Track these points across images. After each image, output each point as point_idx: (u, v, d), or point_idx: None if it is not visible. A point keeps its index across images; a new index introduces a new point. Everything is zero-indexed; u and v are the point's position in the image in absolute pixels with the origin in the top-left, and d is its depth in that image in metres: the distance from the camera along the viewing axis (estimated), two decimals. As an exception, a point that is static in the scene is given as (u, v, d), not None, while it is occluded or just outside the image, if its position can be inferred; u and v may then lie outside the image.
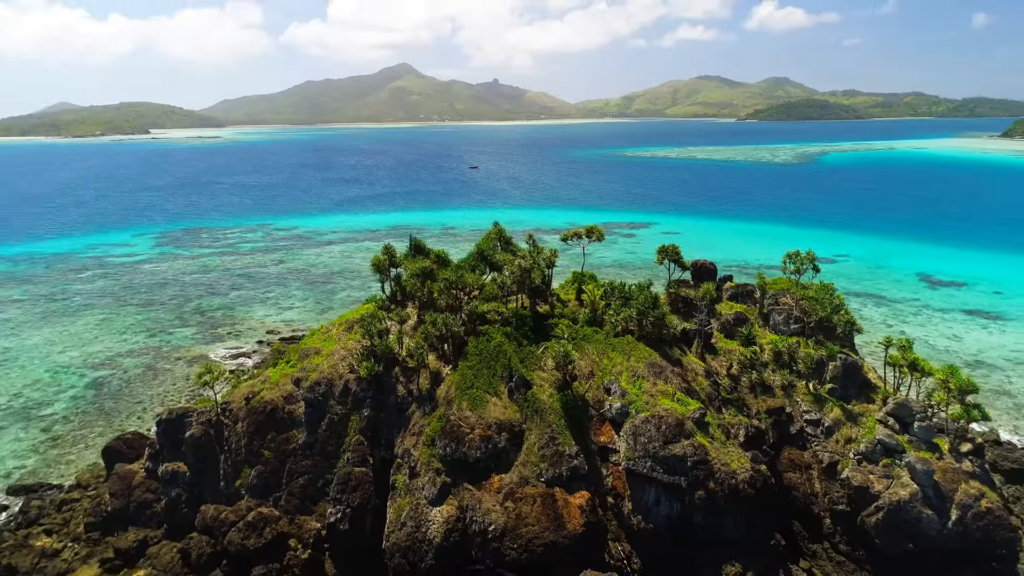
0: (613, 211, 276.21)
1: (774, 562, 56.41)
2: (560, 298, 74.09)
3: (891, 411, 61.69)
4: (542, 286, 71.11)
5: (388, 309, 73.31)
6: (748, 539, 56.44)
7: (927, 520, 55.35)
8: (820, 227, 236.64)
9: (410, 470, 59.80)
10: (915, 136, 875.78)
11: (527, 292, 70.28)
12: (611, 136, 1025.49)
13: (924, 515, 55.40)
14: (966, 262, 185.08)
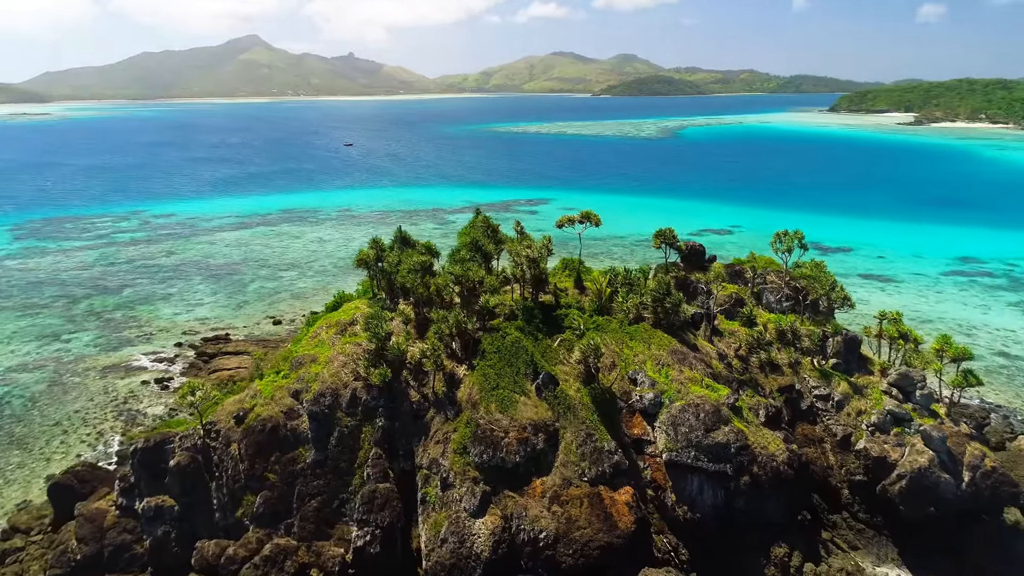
0: (505, 188, 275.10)
1: (812, 538, 57.77)
2: (556, 286, 71.53)
3: (894, 381, 64.68)
4: (544, 275, 68.23)
5: (379, 306, 67.73)
6: (788, 520, 57.37)
7: (945, 484, 58.58)
8: (702, 199, 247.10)
9: (442, 481, 55.67)
10: (756, 111, 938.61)
11: (529, 283, 67.21)
12: (477, 111, 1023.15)
13: (942, 479, 58.59)
14: (842, 228, 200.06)
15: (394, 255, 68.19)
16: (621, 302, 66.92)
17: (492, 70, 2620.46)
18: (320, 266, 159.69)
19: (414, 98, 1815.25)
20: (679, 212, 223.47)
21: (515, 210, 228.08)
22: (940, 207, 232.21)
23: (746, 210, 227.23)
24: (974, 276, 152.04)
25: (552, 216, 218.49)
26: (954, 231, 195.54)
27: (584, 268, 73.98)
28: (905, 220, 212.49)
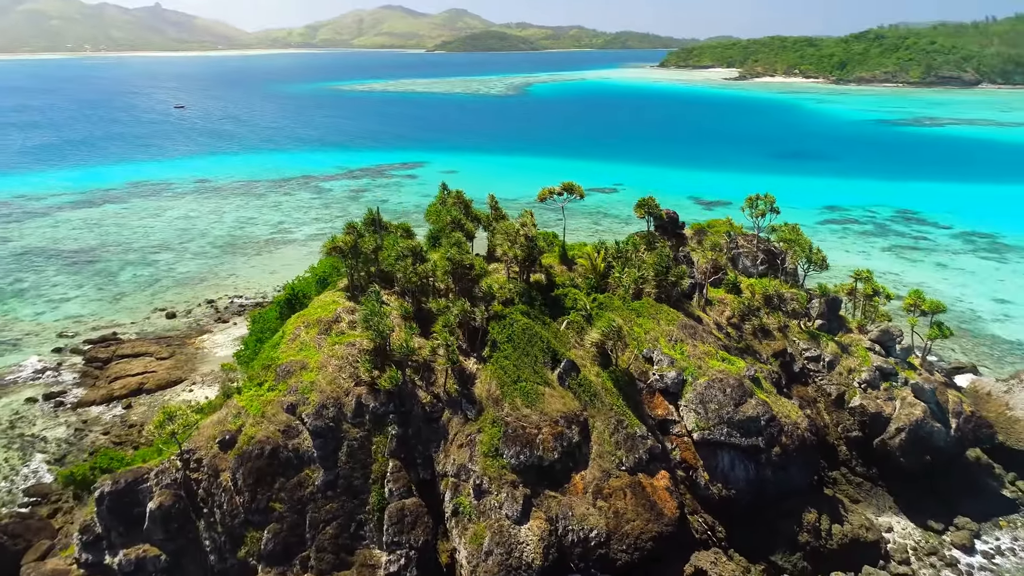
0: (374, 151, 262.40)
1: (830, 499, 59.21)
2: (542, 264, 67.39)
3: (875, 338, 67.37)
4: (539, 254, 63.81)
5: (357, 300, 60.32)
6: (808, 484, 58.32)
7: (937, 432, 62.02)
8: (574, 158, 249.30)
9: (475, 488, 50.79)
10: (593, 67, 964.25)
11: (520, 263, 62.59)
12: (310, 68, 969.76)
13: (935, 428, 61.96)
14: (714, 183, 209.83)
15: (370, 240, 60.63)
16: (618, 277, 64.16)
17: (319, 24, 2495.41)
18: (198, 247, 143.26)
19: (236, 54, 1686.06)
20: (558, 171, 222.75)
21: (392, 175, 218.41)
22: (789, 159, 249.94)
23: (621, 167, 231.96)
24: (845, 224, 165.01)
25: (432, 180, 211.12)
26: (810, 182, 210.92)
27: (560, 242, 70.16)
28: (764, 172, 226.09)
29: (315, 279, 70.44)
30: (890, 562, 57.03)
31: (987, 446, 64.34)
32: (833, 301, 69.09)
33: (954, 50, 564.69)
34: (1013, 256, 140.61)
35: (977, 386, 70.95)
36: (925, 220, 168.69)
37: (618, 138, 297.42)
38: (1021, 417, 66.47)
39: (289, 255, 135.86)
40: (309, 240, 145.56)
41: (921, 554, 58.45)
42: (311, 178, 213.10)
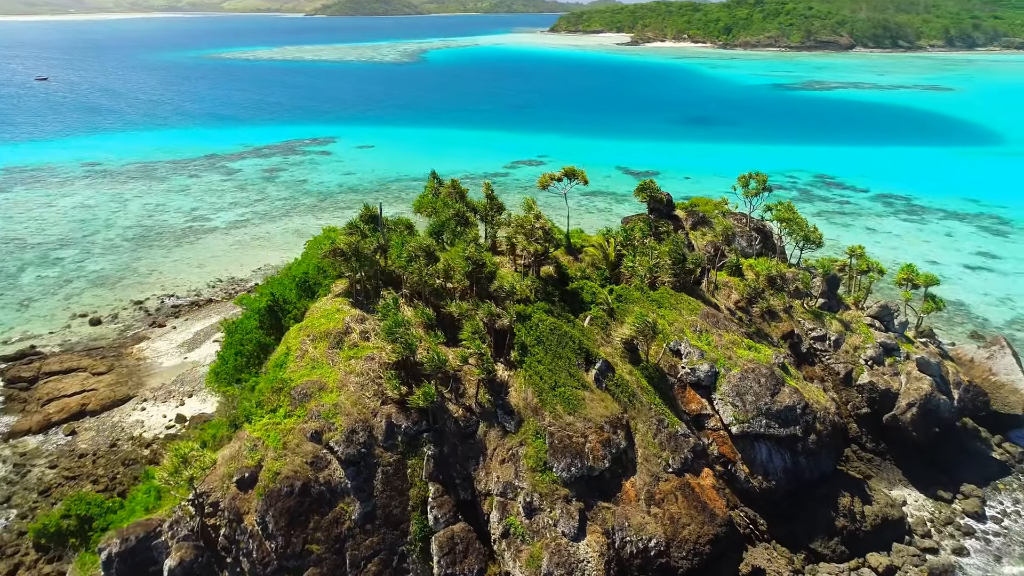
0: (279, 125, 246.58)
1: (856, 479, 59.55)
2: (548, 256, 63.42)
3: (875, 314, 68.14)
4: (553, 246, 59.89)
5: (363, 307, 54.54)
6: (835, 466, 58.34)
7: (943, 404, 63.54)
8: (491, 128, 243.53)
9: (526, 507, 47.16)
10: (484, 32, 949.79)
11: (531, 256, 58.52)
12: (183, 34, 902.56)
13: (941, 401, 63.43)
14: (637, 151, 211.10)
15: (369, 241, 54.60)
16: (631, 267, 61.29)
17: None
18: (106, 241, 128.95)
19: (94, 18, 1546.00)
20: (480, 143, 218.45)
21: (304, 152, 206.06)
22: (701, 125, 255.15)
23: (542, 138, 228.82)
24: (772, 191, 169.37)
25: (347, 156, 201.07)
26: (727, 148, 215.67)
27: (560, 232, 66.45)
28: (682, 140, 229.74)
29: (292, 282, 63.54)
30: (914, 537, 58.10)
31: (983, 413, 66.71)
32: (832, 279, 69.32)
33: (829, 15, 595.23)
34: (931, 217, 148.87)
35: (960, 353, 73.56)
36: (843, 184, 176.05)
37: (531, 107, 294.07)
38: (1005, 382, 69.35)
39: (214, 246, 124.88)
40: (231, 228, 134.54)
41: (939, 525, 59.94)
42: (215, 157, 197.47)
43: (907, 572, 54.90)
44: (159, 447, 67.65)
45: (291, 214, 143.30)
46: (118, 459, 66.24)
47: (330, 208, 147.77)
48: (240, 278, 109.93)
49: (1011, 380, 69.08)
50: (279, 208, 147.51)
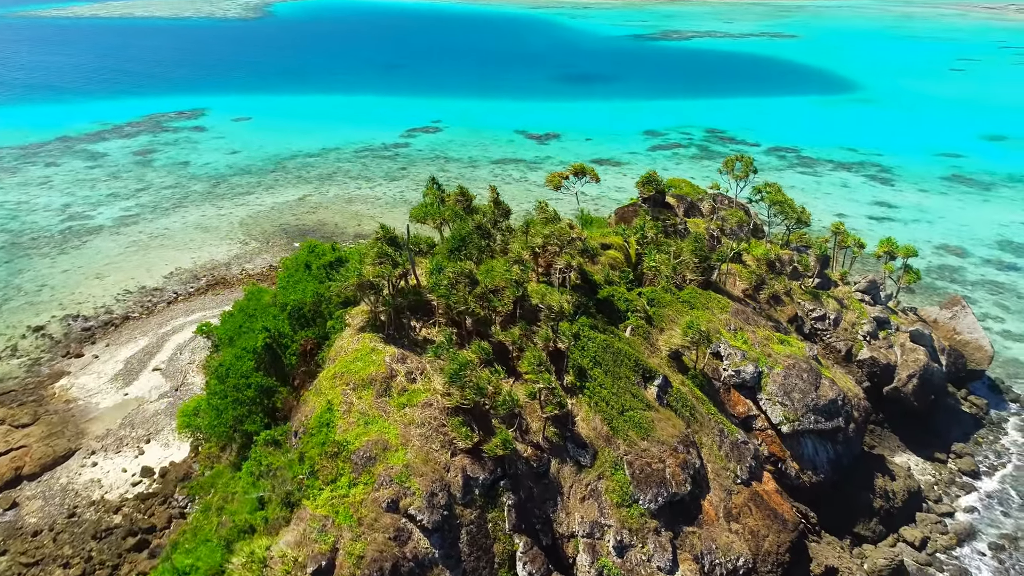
0: (133, 97, 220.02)
1: (877, 456, 61.72)
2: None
3: (863, 288, 70.24)
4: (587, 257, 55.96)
5: (397, 342, 48.57)
6: (863, 448, 60.09)
7: (937, 372, 66.99)
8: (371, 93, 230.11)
9: (616, 545, 44.55)
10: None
11: (568, 269, 54.47)
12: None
13: (935, 369, 66.81)
14: (531, 112, 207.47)
15: (383, 268, 48.12)
16: (653, 267, 58.83)
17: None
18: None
19: None
20: (365, 111, 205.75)
21: (174, 128, 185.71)
22: (581, 82, 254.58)
23: (429, 101, 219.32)
24: (672, 149, 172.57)
25: (227, 131, 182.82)
26: (619, 105, 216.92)
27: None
28: (569, 99, 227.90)
29: (283, 312, 55.84)
30: (928, 503, 61.35)
31: (963, 375, 71.19)
32: (824, 259, 70.54)
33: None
34: (822, 169, 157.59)
35: (923, 315, 77.90)
36: (735, 139, 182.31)
37: (406, 67, 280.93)
38: (969, 340, 74.30)
39: (106, 249, 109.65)
40: (120, 226, 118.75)
41: (944, 487, 63.72)
42: (70, 140, 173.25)
43: (936, 540, 57.91)
44: (132, 510, 58.57)
45: (185, 204, 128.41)
46: (85, 533, 56.63)
47: (228, 194, 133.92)
48: (152, 287, 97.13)
49: (975, 338, 74.06)
50: (168, 198, 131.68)
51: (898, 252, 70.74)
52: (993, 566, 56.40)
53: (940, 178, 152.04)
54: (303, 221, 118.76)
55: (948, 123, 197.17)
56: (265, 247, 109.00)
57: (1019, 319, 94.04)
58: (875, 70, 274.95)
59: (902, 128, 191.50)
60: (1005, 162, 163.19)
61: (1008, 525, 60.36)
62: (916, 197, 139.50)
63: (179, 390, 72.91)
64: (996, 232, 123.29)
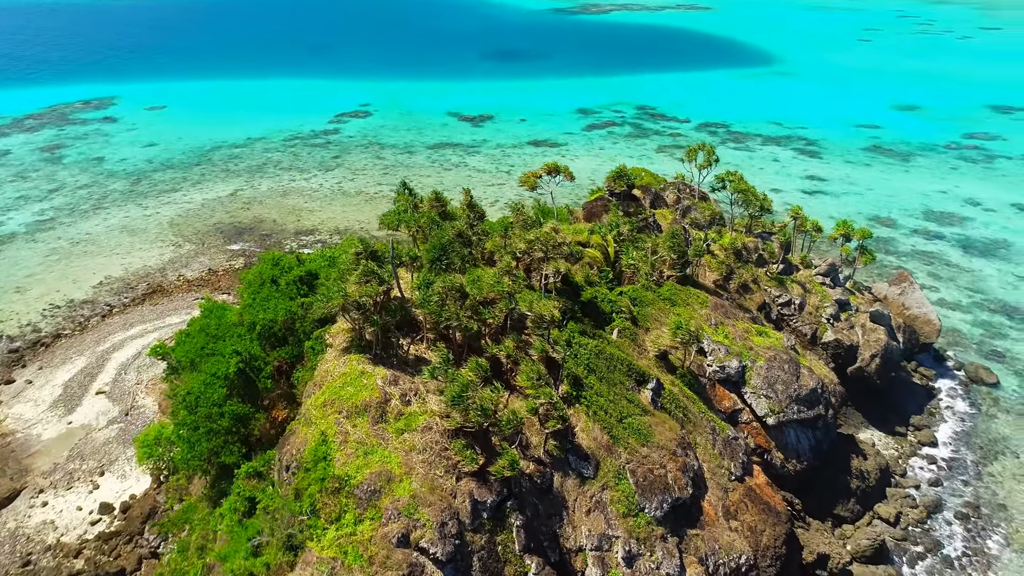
0: (23, 87, 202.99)
1: (849, 437, 63.72)
2: (541, 260, 58.25)
3: (824, 272, 71.97)
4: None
5: (386, 361, 46.36)
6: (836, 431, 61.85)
7: (895, 349, 69.53)
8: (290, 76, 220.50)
9: (625, 556, 44.26)
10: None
11: (556, 276, 53.21)
12: None
13: (894, 347, 69.30)
14: (463, 93, 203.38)
15: (370, 288, 45.71)
16: (631, 264, 58.26)
17: None
18: None
19: None
20: (288, 96, 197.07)
21: (82, 120, 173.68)
22: (513, 60, 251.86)
23: (355, 84, 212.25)
24: (607, 127, 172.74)
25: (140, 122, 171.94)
26: (549, 84, 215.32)
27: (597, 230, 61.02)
28: (502, 77, 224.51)
29: (251, 332, 52.57)
30: (894, 476, 63.93)
31: (917, 351, 74.22)
32: (786, 245, 71.73)
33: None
34: (753, 144, 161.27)
35: (875, 292, 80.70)
36: (665, 115, 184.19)
37: (331, 48, 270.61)
38: (918, 315, 77.51)
39: (23, 259, 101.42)
40: (36, 232, 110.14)
41: (906, 458, 66.56)
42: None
43: (908, 514, 60.42)
44: (95, 553, 54.49)
45: (105, 205, 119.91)
46: (45, 582, 52.31)
47: (151, 192, 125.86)
48: (82, 299, 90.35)
49: (923, 312, 77.31)
50: (85, 199, 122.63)
51: (854, 234, 72.70)
52: (961, 535, 59.30)
53: (862, 149, 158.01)
54: (238, 219, 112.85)
55: (862, 94, 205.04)
56: (201, 249, 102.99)
57: (951, 287, 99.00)
58: (788, 42, 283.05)
59: (821, 100, 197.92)
60: (918, 132, 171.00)
61: (968, 493, 63.55)
62: (844, 170, 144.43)
63: (129, 414, 68.21)
64: (920, 202, 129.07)
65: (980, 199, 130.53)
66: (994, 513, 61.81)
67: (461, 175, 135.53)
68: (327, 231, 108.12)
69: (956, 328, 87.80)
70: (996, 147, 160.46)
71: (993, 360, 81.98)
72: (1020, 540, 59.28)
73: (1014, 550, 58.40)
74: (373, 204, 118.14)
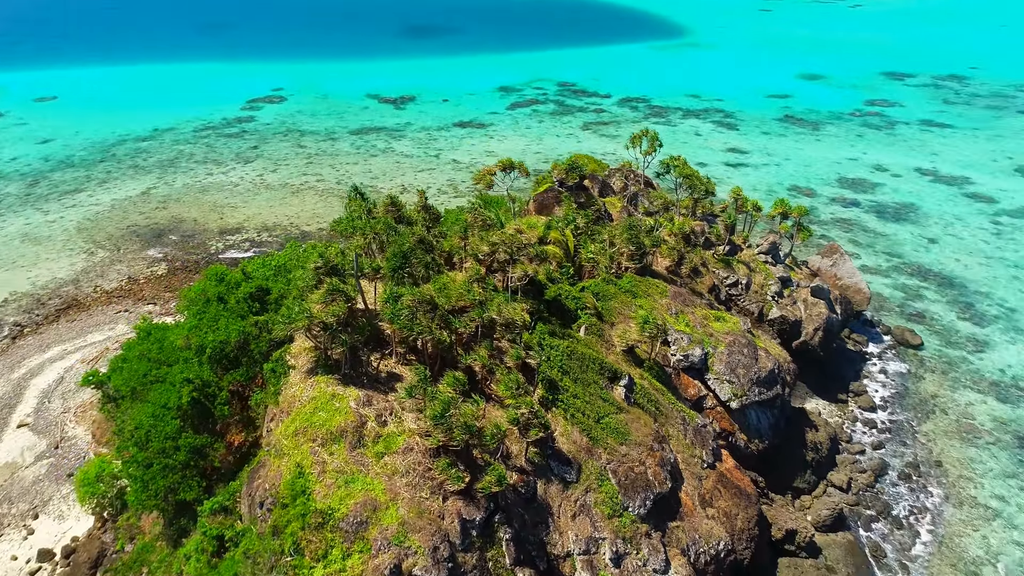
0: None
1: (799, 409, 66.05)
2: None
3: (765, 250, 73.82)
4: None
5: (356, 380, 44.35)
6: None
7: (834, 321, 72.30)
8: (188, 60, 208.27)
9: (613, 557, 44.42)
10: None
11: (525, 278, 52.11)
12: None
13: (832, 318, 72.03)
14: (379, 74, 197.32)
15: (337, 307, 43.45)
16: (591, 258, 57.83)
17: None
18: None
19: None
20: (191, 81, 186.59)
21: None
22: (426, 36, 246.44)
23: (266, 65, 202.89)
24: (531, 106, 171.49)
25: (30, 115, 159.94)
26: (467, 61, 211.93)
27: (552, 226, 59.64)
28: (418, 55, 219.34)
29: (200, 355, 49.33)
30: (841, 443, 66.89)
31: (854, 320, 77.45)
32: (732, 226, 73.00)
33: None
34: (674, 117, 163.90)
35: (811, 266, 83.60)
36: (587, 91, 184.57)
37: (230, 27, 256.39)
38: (850, 284, 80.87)
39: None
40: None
41: (850, 423, 69.76)
42: None
43: (857, 479, 63.39)
44: (40, 605, 50.46)
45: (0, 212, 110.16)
46: (-12, 644, 48.11)
47: (52, 194, 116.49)
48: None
49: (854, 282, 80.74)
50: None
51: (791, 212, 74.77)
52: (906, 495, 62.70)
53: (776, 120, 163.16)
54: (155, 220, 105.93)
55: (769, 64, 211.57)
56: (117, 256, 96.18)
57: (871, 253, 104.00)
58: (696, 12, 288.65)
59: (732, 71, 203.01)
60: (824, 100, 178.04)
61: (908, 454, 67.20)
62: (761, 141, 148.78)
63: (59, 447, 63.22)
64: (833, 170, 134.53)
65: (887, 165, 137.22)
66: (932, 470, 65.62)
67: (389, 161, 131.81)
68: (254, 228, 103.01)
69: (879, 292, 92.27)
70: (895, 113, 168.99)
71: (915, 322, 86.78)
72: (957, 494, 63.19)
73: (952, 504, 62.22)
74: (300, 197, 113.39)
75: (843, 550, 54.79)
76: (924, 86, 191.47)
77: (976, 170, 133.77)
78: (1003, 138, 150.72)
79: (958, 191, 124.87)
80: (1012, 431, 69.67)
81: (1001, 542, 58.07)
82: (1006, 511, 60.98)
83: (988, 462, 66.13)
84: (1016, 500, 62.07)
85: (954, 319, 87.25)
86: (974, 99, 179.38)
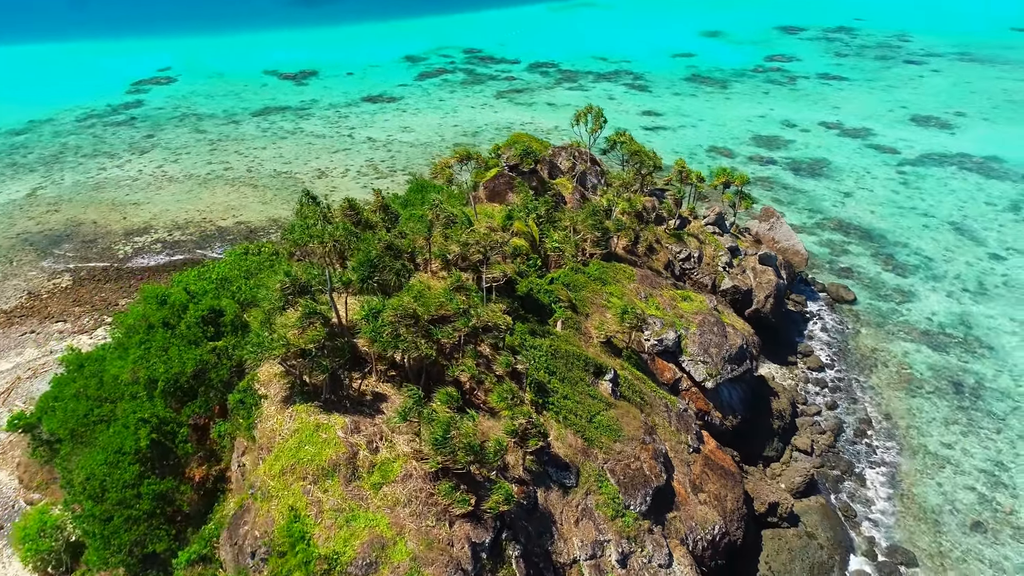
0: None
1: (760, 377, 67.35)
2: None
3: (712, 221, 74.21)
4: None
5: (338, 405, 41.08)
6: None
7: (781, 286, 73.85)
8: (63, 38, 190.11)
9: (619, 558, 43.77)
10: None
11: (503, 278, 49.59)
12: None
13: (780, 283, 73.56)
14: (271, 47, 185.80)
15: (315, 332, 39.80)
16: (556, 247, 55.96)
17: None
18: None
19: None
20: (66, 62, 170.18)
21: None
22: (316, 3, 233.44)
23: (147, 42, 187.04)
24: (440, 76, 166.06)
25: None
26: (366, 30, 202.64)
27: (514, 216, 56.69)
28: (315, 25, 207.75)
29: (152, 389, 44.59)
30: (797, 406, 68.93)
31: (797, 281, 79.42)
32: (679, 201, 72.73)
33: None
34: (585, 82, 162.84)
35: (750, 231, 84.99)
36: (495, 57, 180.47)
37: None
38: (787, 247, 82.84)
39: None
40: None
41: (801, 385, 71.95)
42: None
43: (818, 441, 65.50)
44: None
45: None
46: None
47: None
48: None
49: (792, 244, 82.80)
50: None
51: (733, 180, 75.31)
52: (864, 451, 65.33)
53: (684, 80, 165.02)
54: (48, 225, 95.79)
55: (670, 23, 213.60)
56: (10, 269, 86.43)
57: (794, 211, 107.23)
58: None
59: (635, 31, 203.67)
60: (727, 58, 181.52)
61: (859, 410, 69.96)
62: (674, 102, 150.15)
63: (-18, 497, 56.42)
64: (746, 128, 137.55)
65: (794, 120, 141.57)
66: (883, 423, 68.63)
67: (300, 144, 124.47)
68: (164, 227, 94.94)
69: (809, 250, 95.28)
70: (794, 68, 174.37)
71: (845, 277, 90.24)
72: (908, 444, 66.41)
73: (906, 456, 65.35)
74: (209, 189, 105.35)
75: (819, 514, 56.43)
76: (816, 39, 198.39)
77: (876, 121, 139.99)
78: (895, 88, 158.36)
79: (863, 143, 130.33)
80: (947, 377, 73.72)
81: (954, 487, 61.47)
82: (953, 457, 64.56)
83: (930, 411, 69.71)
84: (960, 445, 65.81)
85: (879, 271, 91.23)
86: (863, 50, 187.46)
